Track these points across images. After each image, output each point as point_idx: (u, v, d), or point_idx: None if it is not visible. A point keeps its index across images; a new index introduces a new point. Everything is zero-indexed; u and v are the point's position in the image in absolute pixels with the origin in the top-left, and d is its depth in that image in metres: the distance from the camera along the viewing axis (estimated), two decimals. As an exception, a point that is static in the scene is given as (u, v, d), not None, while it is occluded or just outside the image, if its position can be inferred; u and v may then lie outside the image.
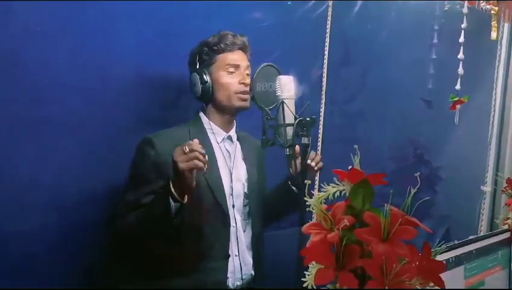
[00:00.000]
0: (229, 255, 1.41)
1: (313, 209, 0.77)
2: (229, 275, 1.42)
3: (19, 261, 1.37)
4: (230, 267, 1.42)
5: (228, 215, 1.41)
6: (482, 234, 1.76)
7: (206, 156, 1.24)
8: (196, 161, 1.20)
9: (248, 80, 1.44)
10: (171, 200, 1.23)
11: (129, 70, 1.54)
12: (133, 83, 1.55)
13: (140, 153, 1.38)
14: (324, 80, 1.82)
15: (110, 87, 1.50)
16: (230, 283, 1.42)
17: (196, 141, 1.25)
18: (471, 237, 1.29)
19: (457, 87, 1.49)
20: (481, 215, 1.75)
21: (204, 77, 1.43)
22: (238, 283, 1.44)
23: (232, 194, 1.44)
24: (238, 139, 1.53)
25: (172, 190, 1.23)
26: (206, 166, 1.23)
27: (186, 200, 1.25)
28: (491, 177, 1.80)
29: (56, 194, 1.41)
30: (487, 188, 1.78)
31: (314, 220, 0.79)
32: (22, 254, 1.37)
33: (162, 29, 1.59)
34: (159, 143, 1.36)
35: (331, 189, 0.81)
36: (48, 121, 1.39)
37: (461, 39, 1.46)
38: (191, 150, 1.20)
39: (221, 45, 1.44)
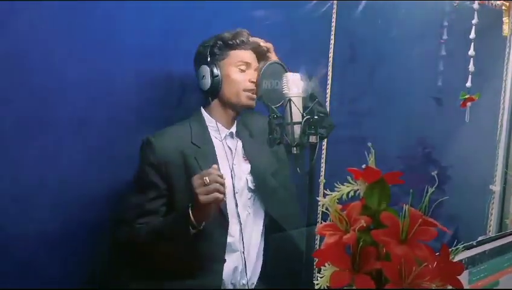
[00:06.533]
0: (225, 260, 1.38)
1: (327, 209, 0.75)
2: (234, 273, 1.40)
3: (22, 261, 1.36)
4: (236, 264, 1.40)
5: (227, 218, 1.38)
6: (490, 234, 1.74)
7: (225, 183, 1.23)
8: (217, 194, 1.20)
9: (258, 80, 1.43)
10: (190, 228, 1.24)
11: (133, 70, 1.54)
12: (137, 83, 1.55)
13: (141, 155, 1.38)
14: (329, 78, 1.79)
15: (114, 87, 1.50)
16: (234, 281, 1.40)
17: (215, 167, 1.24)
18: (480, 239, 1.26)
19: (468, 84, 1.46)
20: (490, 215, 1.73)
21: (215, 70, 1.41)
22: (244, 281, 1.42)
23: (234, 193, 1.42)
24: (238, 130, 1.49)
25: (192, 218, 1.22)
26: (225, 196, 1.23)
27: (202, 225, 1.25)
28: (500, 176, 1.77)
29: (61, 194, 1.41)
30: (496, 188, 1.76)
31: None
32: (25, 254, 1.37)
33: (165, 28, 1.58)
34: (159, 144, 1.36)
35: (344, 188, 0.79)
36: (53, 121, 1.39)
37: (472, 35, 1.43)
38: (212, 181, 1.20)
39: (237, 41, 1.42)
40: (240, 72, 1.43)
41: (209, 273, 1.36)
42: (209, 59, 1.43)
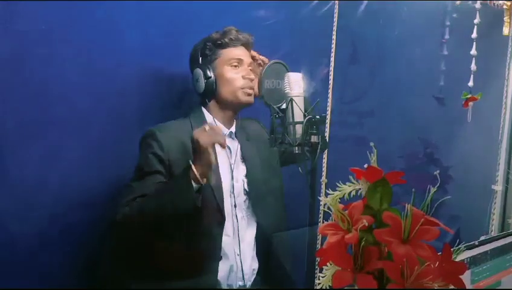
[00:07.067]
0: (221, 257, 1.38)
1: (329, 209, 0.75)
2: (229, 274, 1.40)
3: (24, 261, 1.36)
4: (231, 266, 1.40)
5: (224, 215, 1.38)
6: (492, 233, 1.73)
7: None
8: (218, 137, 1.26)
9: (252, 76, 1.43)
10: (192, 182, 1.25)
11: (135, 70, 1.54)
12: (139, 83, 1.55)
13: (143, 145, 1.38)
14: (331, 77, 1.79)
15: (116, 87, 1.50)
16: (230, 282, 1.40)
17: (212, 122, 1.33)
18: (482, 238, 1.26)
19: (470, 84, 1.46)
20: (492, 215, 1.72)
21: (208, 72, 1.42)
22: (240, 283, 1.42)
23: (233, 193, 1.42)
24: (237, 131, 1.50)
25: (194, 170, 1.24)
26: (225, 144, 1.29)
27: (204, 182, 1.26)
28: (503, 176, 1.77)
29: (62, 193, 1.41)
30: (498, 187, 1.75)
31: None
32: (27, 254, 1.36)
33: (167, 28, 1.58)
34: (162, 135, 1.36)
35: (346, 188, 0.79)
36: (54, 121, 1.39)
37: (474, 35, 1.43)
38: (212, 128, 1.26)
39: (226, 39, 1.42)
40: (233, 70, 1.43)
41: (205, 269, 1.36)
42: (201, 61, 1.43)
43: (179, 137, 1.38)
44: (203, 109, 1.47)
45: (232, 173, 1.43)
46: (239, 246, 1.41)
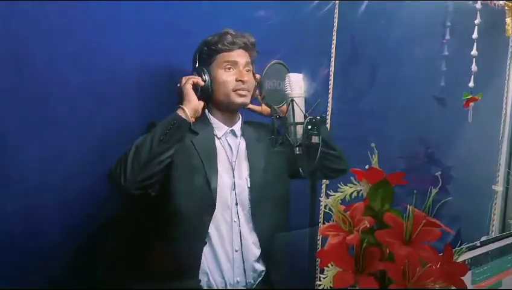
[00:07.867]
0: (205, 242, 1.38)
1: (330, 210, 0.75)
2: (228, 270, 1.40)
3: (24, 261, 1.36)
4: (226, 262, 1.40)
5: (215, 203, 1.38)
6: (493, 234, 1.74)
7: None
8: (193, 78, 1.40)
9: (246, 77, 1.43)
10: (183, 117, 1.35)
11: (136, 70, 1.53)
12: (140, 83, 1.54)
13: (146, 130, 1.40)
14: (331, 78, 1.80)
15: (117, 87, 1.49)
16: (226, 276, 1.40)
17: None
18: (483, 239, 1.26)
19: (471, 84, 1.46)
20: (493, 215, 1.72)
21: (203, 75, 1.42)
22: (238, 279, 1.42)
23: (234, 190, 1.42)
24: (243, 132, 1.50)
25: (184, 107, 1.36)
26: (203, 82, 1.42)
27: (192, 121, 1.37)
28: (503, 176, 1.77)
29: (63, 193, 1.41)
30: (499, 188, 1.75)
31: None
32: (28, 254, 1.37)
33: (168, 28, 1.58)
34: None
35: (348, 189, 0.79)
36: (56, 120, 1.39)
37: (474, 35, 1.43)
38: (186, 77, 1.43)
39: (219, 45, 1.43)
40: (226, 72, 1.43)
41: (187, 252, 1.37)
42: (197, 65, 1.45)
43: None
44: (206, 111, 1.47)
45: (233, 170, 1.44)
46: (240, 242, 1.41)
